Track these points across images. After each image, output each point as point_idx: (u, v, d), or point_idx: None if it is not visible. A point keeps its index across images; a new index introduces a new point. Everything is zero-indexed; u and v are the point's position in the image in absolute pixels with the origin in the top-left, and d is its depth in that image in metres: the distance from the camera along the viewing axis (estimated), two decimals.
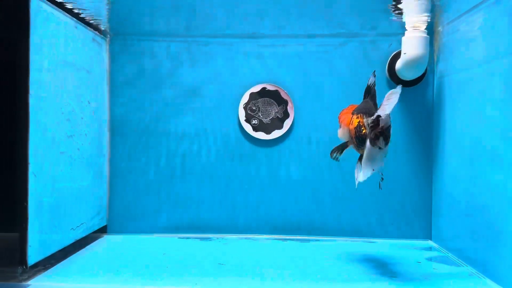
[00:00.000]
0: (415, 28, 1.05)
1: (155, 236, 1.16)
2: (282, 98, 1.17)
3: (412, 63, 1.06)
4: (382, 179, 0.85)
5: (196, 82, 1.18)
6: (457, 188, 1.00)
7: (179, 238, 1.15)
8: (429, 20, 1.05)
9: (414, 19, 1.04)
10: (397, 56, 1.12)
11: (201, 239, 1.14)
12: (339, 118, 0.90)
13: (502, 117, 0.81)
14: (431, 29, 1.10)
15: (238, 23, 1.13)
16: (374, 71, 0.86)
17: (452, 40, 1.05)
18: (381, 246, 1.09)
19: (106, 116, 1.18)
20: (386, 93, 1.12)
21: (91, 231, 1.10)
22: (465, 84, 0.98)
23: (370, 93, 0.85)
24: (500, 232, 0.80)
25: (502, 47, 0.82)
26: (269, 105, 1.17)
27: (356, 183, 0.81)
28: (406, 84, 1.13)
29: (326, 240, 1.13)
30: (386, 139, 0.78)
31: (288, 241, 1.12)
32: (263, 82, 1.17)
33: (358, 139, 0.81)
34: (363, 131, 0.78)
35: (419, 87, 1.14)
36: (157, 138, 1.18)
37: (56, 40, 0.91)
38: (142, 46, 1.17)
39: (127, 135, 1.18)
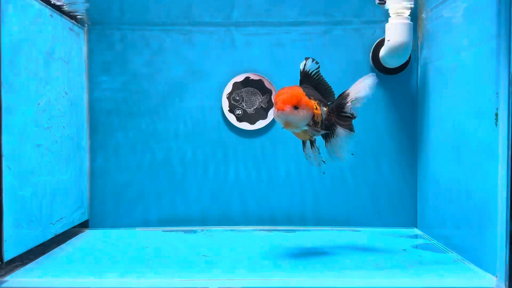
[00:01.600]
0: (398, 14, 1.05)
1: (138, 230, 1.14)
2: (266, 87, 1.15)
3: (396, 50, 1.06)
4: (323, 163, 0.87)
5: (177, 72, 1.15)
6: (443, 175, 0.99)
7: (163, 231, 1.13)
8: (412, 7, 1.04)
9: (398, 5, 1.03)
10: (381, 43, 1.11)
11: (186, 231, 1.12)
12: (299, 101, 0.77)
13: (485, 103, 0.81)
14: (414, 15, 1.09)
15: (220, 11, 1.11)
16: (312, 58, 0.84)
17: (436, 26, 1.04)
18: (365, 235, 1.09)
19: (84, 108, 1.15)
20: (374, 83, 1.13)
21: (72, 226, 1.07)
22: (449, 70, 0.97)
23: (310, 81, 0.85)
24: (484, 218, 0.80)
25: (486, 32, 0.81)
26: (253, 94, 1.16)
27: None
28: (390, 71, 1.13)
29: (311, 230, 1.13)
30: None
31: (274, 232, 1.11)
32: (246, 72, 1.15)
33: (323, 125, 0.83)
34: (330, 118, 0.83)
35: (403, 74, 1.13)
36: (139, 130, 1.15)
37: (30, 28, 0.88)
38: (122, 35, 1.14)
39: (107, 127, 1.15)
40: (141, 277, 0.78)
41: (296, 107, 0.77)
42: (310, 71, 0.85)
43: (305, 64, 0.84)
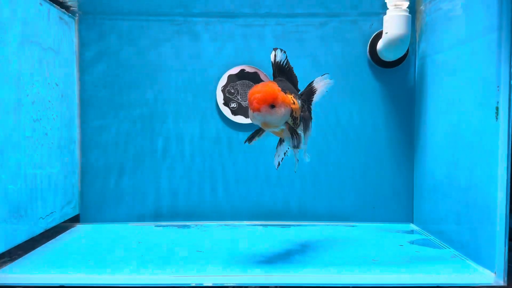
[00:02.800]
0: (396, 6, 1.03)
1: (131, 224, 1.12)
2: (262, 80, 1.13)
3: (393, 43, 1.04)
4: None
5: (170, 63, 1.13)
6: (440, 170, 0.98)
7: (156, 226, 1.11)
8: None
9: None
10: (379, 36, 1.09)
11: (179, 227, 1.10)
12: (275, 99, 0.71)
13: (485, 97, 0.79)
14: (413, 8, 1.07)
15: (215, 1, 1.08)
16: (281, 49, 0.77)
17: (435, 19, 1.03)
18: (361, 230, 1.08)
19: (75, 99, 1.12)
20: (366, 75, 1.12)
21: (63, 221, 1.05)
22: (447, 64, 0.96)
23: (283, 72, 0.78)
24: (483, 213, 0.79)
25: (485, 25, 0.80)
26: (248, 87, 1.13)
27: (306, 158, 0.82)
28: (387, 65, 1.11)
29: (306, 225, 1.11)
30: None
31: (269, 227, 1.10)
32: (241, 64, 1.13)
33: (301, 120, 0.78)
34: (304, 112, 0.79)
35: (400, 68, 1.12)
36: (132, 122, 1.13)
37: (18, 17, 0.85)
38: (113, 25, 1.12)
39: (99, 119, 1.12)
40: (134, 273, 0.77)
41: (272, 106, 0.70)
42: (281, 62, 0.77)
43: (275, 55, 0.76)
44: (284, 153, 0.82)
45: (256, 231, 1.07)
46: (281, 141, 0.82)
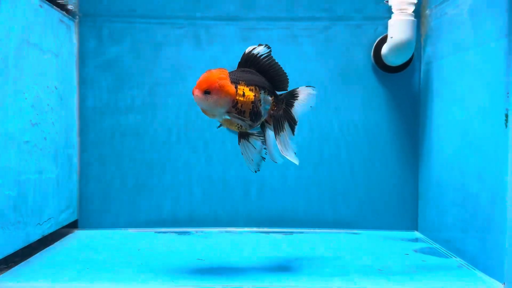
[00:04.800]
0: (402, 11, 1.02)
1: (130, 231, 1.10)
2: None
3: (398, 48, 1.03)
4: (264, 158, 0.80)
5: (172, 67, 1.11)
6: (445, 177, 0.97)
7: (156, 232, 1.09)
8: (416, 3, 1.01)
9: (401, 1, 1.00)
10: (383, 40, 1.08)
11: (179, 233, 1.08)
12: (210, 85, 0.70)
13: (494, 103, 0.78)
14: (418, 12, 1.06)
15: (218, 5, 1.07)
16: (266, 44, 0.76)
17: (441, 23, 1.01)
18: (365, 238, 1.06)
19: (75, 103, 1.10)
20: (370, 80, 1.10)
21: (60, 227, 1.03)
22: (453, 69, 0.95)
23: (256, 66, 0.76)
24: (490, 222, 0.77)
25: (492, 31, 0.78)
26: None
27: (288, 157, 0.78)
28: (392, 70, 1.10)
29: (309, 233, 1.09)
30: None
31: (271, 234, 1.08)
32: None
33: (255, 114, 0.74)
34: (259, 107, 0.75)
35: (405, 73, 1.10)
36: (131, 126, 1.11)
37: (18, 19, 0.83)
38: (114, 28, 1.10)
39: (98, 123, 1.11)
40: (133, 282, 0.74)
41: (207, 92, 0.69)
42: (258, 55, 0.75)
43: (253, 48, 0.75)
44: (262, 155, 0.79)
45: (258, 238, 1.05)
46: (240, 136, 0.78)
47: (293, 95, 0.79)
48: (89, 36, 1.10)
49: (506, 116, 0.74)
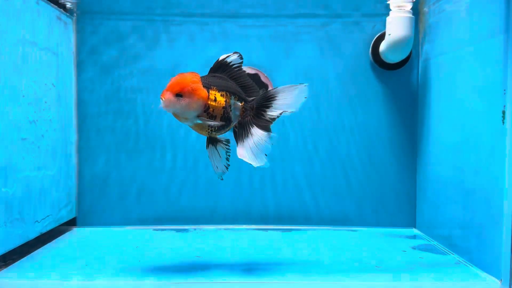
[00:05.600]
0: (400, 8, 1.01)
1: (128, 228, 1.10)
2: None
3: (397, 45, 1.02)
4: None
5: (169, 64, 1.11)
6: (444, 174, 0.97)
7: (154, 230, 1.09)
8: (414, 0, 1.01)
9: None
10: (381, 38, 1.08)
11: (178, 230, 1.08)
12: (182, 88, 0.70)
13: (489, 100, 0.78)
14: (416, 9, 1.06)
15: (215, 1, 1.07)
16: (240, 53, 0.77)
17: (439, 20, 1.01)
18: (363, 235, 1.06)
19: (73, 100, 1.10)
20: (368, 77, 1.10)
21: (59, 224, 1.03)
22: (451, 66, 0.95)
23: (227, 73, 0.76)
24: (488, 218, 0.78)
25: (490, 27, 0.78)
26: None
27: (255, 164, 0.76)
28: (390, 67, 1.10)
29: (307, 230, 1.09)
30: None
31: (269, 231, 1.08)
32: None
33: (226, 120, 0.75)
34: (230, 113, 0.75)
35: (403, 70, 1.10)
36: (130, 124, 1.11)
37: (14, 15, 0.83)
38: (112, 25, 1.10)
39: (96, 120, 1.11)
40: (131, 279, 0.75)
41: (179, 95, 0.69)
42: (230, 63, 0.76)
43: (227, 56, 0.76)
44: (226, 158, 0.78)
45: (255, 235, 1.05)
46: (208, 141, 0.78)
47: (267, 98, 0.77)
48: (87, 33, 1.10)
49: (504, 113, 0.74)
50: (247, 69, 1.11)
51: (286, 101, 0.76)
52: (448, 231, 0.94)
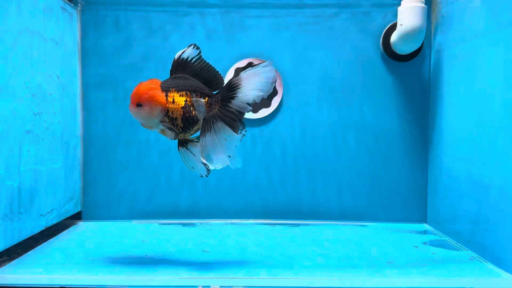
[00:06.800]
0: None
1: (134, 222, 1.09)
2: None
3: (408, 35, 1.00)
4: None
5: (174, 54, 1.08)
6: (457, 168, 0.94)
7: (160, 224, 1.07)
8: None
9: None
10: (393, 28, 1.05)
11: (184, 225, 1.07)
12: (139, 98, 0.71)
13: (504, 91, 0.75)
14: None
15: None
16: (195, 45, 0.74)
17: (452, 10, 0.98)
18: (373, 230, 1.04)
19: (78, 92, 1.08)
20: (379, 69, 1.08)
21: (64, 218, 1.02)
22: (465, 57, 0.92)
23: (189, 70, 0.74)
24: (501, 213, 0.75)
25: (507, 16, 0.76)
26: None
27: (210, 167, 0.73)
28: (401, 58, 1.07)
29: (315, 225, 1.08)
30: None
31: (277, 226, 1.06)
32: (249, 57, 1.09)
33: (188, 120, 0.73)
34: (193, 112, 0.73)
35: (415, 61, 1.08)
36: None
37: (18, 5, 0.81)
38: (117, 16, 1.08)
39: (102, 113, 1.09)
40: (138, 274, 0.73)
41: (139, 105, 0.71)
42: (189, 59, 0.74)
43: (182, 52, 0.74)
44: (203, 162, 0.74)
45: (263, 229, 1.03)
46: (179, 145, 0.76)
47: (231, 88, 0.72)
48: (91, 24, 1.08)
49: None
50: (255, 61, 1.09)
51: (253, 87, 0.70)
52: (461, 226, 0.92)
